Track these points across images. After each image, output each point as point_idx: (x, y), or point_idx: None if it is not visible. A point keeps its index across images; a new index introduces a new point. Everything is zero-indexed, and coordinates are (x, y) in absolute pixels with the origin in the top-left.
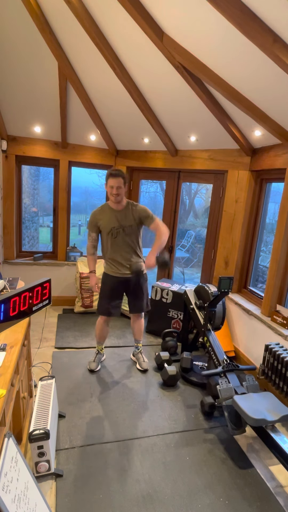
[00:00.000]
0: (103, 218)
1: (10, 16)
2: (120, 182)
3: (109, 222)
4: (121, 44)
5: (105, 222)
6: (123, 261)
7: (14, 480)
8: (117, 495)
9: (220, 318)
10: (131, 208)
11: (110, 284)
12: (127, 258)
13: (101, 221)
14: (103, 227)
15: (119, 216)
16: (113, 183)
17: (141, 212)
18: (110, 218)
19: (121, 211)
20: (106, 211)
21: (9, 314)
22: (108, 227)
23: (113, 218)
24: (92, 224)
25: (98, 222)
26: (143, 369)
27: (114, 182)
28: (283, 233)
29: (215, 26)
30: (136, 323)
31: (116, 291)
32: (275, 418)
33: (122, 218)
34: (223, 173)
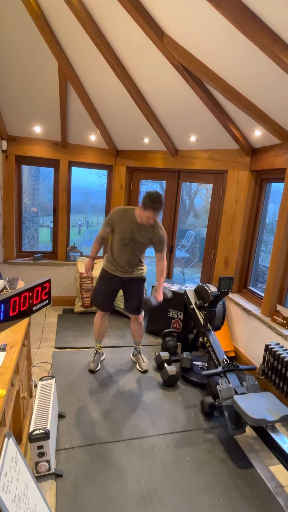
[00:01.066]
0: (121, 224)
1: (10, 16)
2: (157, 214)
3: (124, 230)
4: (121, 44)
5: (121, 229)
6: (125, 265)
7: (14, 480)
8: (117, 495)
9: (220, 318)
10: (154, 229)
11: (107, 279)
12: (130, 264)
13: (118, 226)
14: (118, 230)
15: (138, 230)
16: (151, 215)
17: (160, 238)
18: (128, 227)
19: (143, 226)
20: (128, 218)
21: (9, 314)
22: (122, 235)
23: (131, 229)
24: (109, 223)
25: (114, 225)
26: (143, 369)
27: (151, 214)
28: (283, 233)
29: (215, 26)
30: (134, 325)
31: (112, 287)
32: (275, 418)
33: (140, 234)
34: (223, 173)
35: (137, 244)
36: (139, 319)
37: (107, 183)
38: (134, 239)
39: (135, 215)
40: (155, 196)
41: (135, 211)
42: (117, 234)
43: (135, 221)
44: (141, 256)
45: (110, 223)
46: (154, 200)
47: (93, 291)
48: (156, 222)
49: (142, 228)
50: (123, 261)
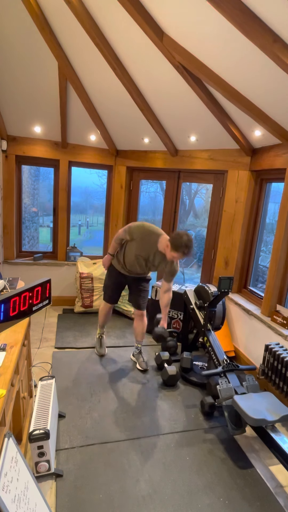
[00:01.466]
0: (141, 242)
1: (10, 16)
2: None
3: (142, 249)
4: (121, 44)
5: (139, 246)
6: (133, 272)
7: (14, 480)
8: (117, 495)
9: (220, 318)
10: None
11: (115, 278)
12: (137, 272)
13: (137, 242)
14: (135, 245)
15: (155, 255)
16: (179, 257)
17: (173, 270)
18: (146, 249)
19: (161, 254)
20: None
21: (9, 314)
22: (137, 251)
23: (148, 251)
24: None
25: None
26: (142, 369)
27: (180, 257)
28: (283, 233)
29: (215, 26)
30: (138, 324)
31: (118, 284)
32: (275, 418)
33: (155, 259)
34: (223, 173)
35: (149, 264)
36: (143, 317)
37: (107, 183)
38: (148, 260)
39: (157, 242)
40: (189, 242)
41: (159, 239)
42: (133, 246)
43: (155, 247)
44: (148, 272)
45: (131, 234)
46: (188, 246)
47: (104, 292)
48: None
49: (159, 255)
50: (132, 269)
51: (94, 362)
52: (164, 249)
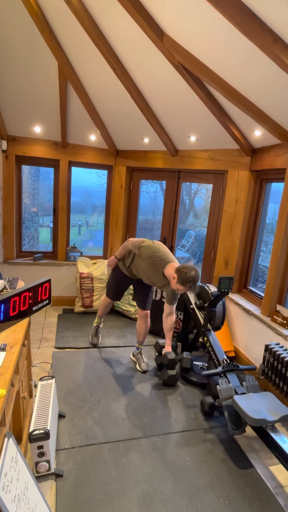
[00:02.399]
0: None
1: (10, 16)
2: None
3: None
4: (121, 44)
5: (145, 267)
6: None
7: (14, 480)
8: (117, 495)
9: (220, 318)
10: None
11: (120, 279)
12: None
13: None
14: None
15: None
16: (184, 290)
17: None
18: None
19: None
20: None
21: (9, 314)
22: (143, 269)
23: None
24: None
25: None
26: (142, 370)
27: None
28: (283, 233)
29: (215, 26)
30: (141, 324)
31: (124, 282)
32: (275, 418)
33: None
34: (223, 173)
35: (153, 281)
36: (147, 318)
37: (107, 183)
38: (152, 279)
39: (165, 268)
40: (196, 279)
41: (167, 265)
42: (141, 262)
43: (161, 272)
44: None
45: (140, 252)
46: (195, 281)
47: (107, 289)
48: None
49: (164, 280)
50: (136, 275)
51: (94, 362)
52: (170, 278)
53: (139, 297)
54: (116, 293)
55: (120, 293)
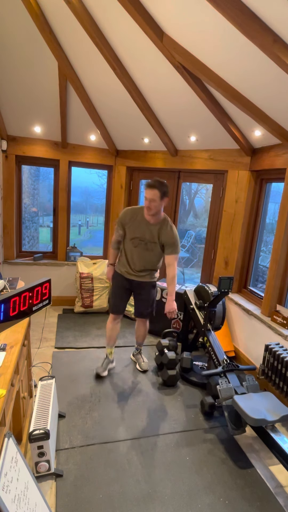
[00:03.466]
0: (131, 224)
1: (10, 16)
2: (155, 195)
3: (135, 230)
4: (121, 44)
5: (132, 229)
6: (138, 268)
7: (14, 480)
8: (117, 495)
9: (220, 318)
10: (162, 227)
11: (121, 283)
12: (143, 267)
13: (128, 227)
14: (128, 231)
15: (147, 229)
16: (147, 194)
17: (168, 238)
18: (138, 227)
19: (152, 225)
20: (137, 217)
21: (9, 314)
22: (132, 235)
23: (141, 228)
24: (120, 223)
25: (125, 224)
26: (142, 369)
27: (148, 193)
28: (283, 233)
29: (215, 26)
30: (140, 328)
31: (125, 290)
32: (275, 418)
33: (149, 233)
34: (223, 173)
35: (148, 244)
36: (146, 323)
37: (107, 183)
38: (145, 238)
39: (144, 214)
40: (152, 181)
41: (144, 210)
42: (128, 235)
43: (144, 220)
44: (155, 260)
45: (121, 224)
46: (148, 181)
47: (110, 303)
48: (167, 219)
49: (151, 227)
50: (136, 263)
51: (94, 362)
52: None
53: (137, 305)
54: (117, 302)
55: (123, 302)
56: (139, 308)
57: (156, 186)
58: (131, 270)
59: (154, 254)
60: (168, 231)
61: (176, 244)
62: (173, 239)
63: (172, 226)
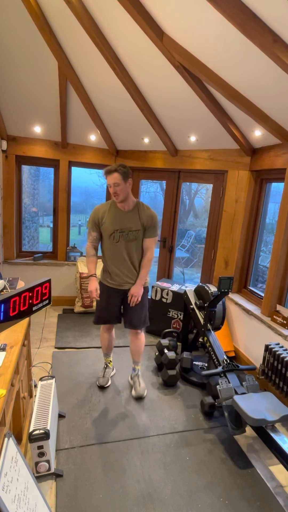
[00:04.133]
0: (106, 218)
1: (10, 16)
2: (116, 178)
3: (112, 223)
4: (121, 44)
5: (108, 223)
6: (123, 270)
7: (14, 480)
8: (117, 495)
9: (220, 318)
10: (139, 209)
11: (106, 296)
12: (128, 269)
13: (104, 221)
14: (104, 227)
15: (124, 217)
16: (109, 180)
17: (148, 218)
18: (114, 218)
19: (128, 212)
20: (111, 210)
21: (9, 314)
22: (111, 229)
23: (117, 219)
24: (94, 222)
25: (100, 220)
26: (137, 395)
27: (109, 179)
28: (283, 233)
29: (215, 26)
30: (134, 342)
31: (113, 303)
32: (275, 418)
33: (128, 221)
34: (223, 173)
35: (130, 234)
36: (139, 335)
37: (107, 183)
38: (125, 228)
39: (116, 205)
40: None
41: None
42: (105, 233)
43: (118, 210)
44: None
45: (94, 223)
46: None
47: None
48: (139, 202)
49: (127, 214)
50: (118, 263)
51: (94, 362)
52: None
53: (128, 316)
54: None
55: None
56: (132, 317)
57: (114, 169)
58: (116, 276)
59: (138, 243)
60: (146, 212)
61: (156, 226)
62: (153, 220)
63: (148, 207)
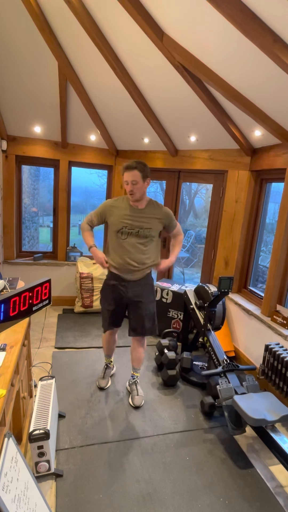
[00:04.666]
0: (115, 213)
1: (10, 16)
2: (136, 175)
3: (122, 219)
4: (121, 44)
5: (116, 218)
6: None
7: (14, 480)
8: (117, 495)
9: (220, 318)
10: (154, 208)
11: (111, 296)
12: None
13: (111, 215)
14: (112, 222)
15: (136, 215)
16: (127, 177)
17: (166, 216)
18: (125, 215)
19: (140, 210)
20: (122, 206)
21: (9, 314)
22: (119, 225)
23: (128, 216)
24: (100, 215)
25: (107, 216)
26: (134, 405)
27: (128, 176)
28: (283, 233)
29: (215, 26)
30: (137, 349)
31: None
32: (275, 418)
33: (139, 219)
34: (223, 173)
35: (140, 231)
36: (142, 341)
37: (107, 183)
38: (134, 226)
39: (128, 200)
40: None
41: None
42: (112, 227)
43: (130, 207)
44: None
45: (100, 215)
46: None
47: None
48: (153, 200)
49: (141, 212)
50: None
51: (94, 362)
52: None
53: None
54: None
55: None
56: (136, 323)
57: (135, 166)
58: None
59: (148, 241)
60: (163, 211)
61: (174, 219)
62: (171, 215)
63: (161, 204)
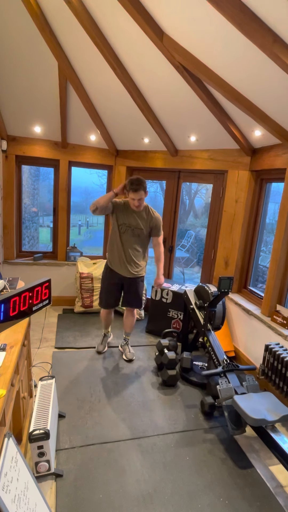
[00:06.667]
0: (122, 210)
1: (10, 16)
2: (142, 195)
3: (124, 218)
4: (121, 44)
5: (121, 216)
6: (128, 258)
7: (14, 480)
8: (117, 495)
9: (220, 318)
10: (147, 213)
11: (113, 280)
12: (131, 258)
13: (120, 211)
14: (118, 217)
15: (134, 216)
16: (134, 196)
17: (156, 222)
18: (126, 215)
19: (138, 213)
20: (125, 206)
21: (9, 314)
22: (122, 221)
23: (129, 216)
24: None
25: (116, 208)
26: (127, 359)
27: (135, 195)
28: (283, 233)
29: (215, 26)
30: (129, 318)
31: (116, 287)
32: (275, 418)
33: (136, 219)
34: (223, 173)
35: (135, 230)
36: (133, 312)
37: (107, 183)
38: (131, 225)
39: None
40: (133, 179)
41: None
42: (117, 221)
43: (132, 210)
44: (141, 249)
45: (115, 206)
46: (132, 182)
47: (99, 297)
48: (148, 206)
49: (137, 214)
50: (123, 253)
51: (94, 362)
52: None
53: (126, 297)
54: (108, 297)
55: (113, 297)
56: (129, 299)
57: (140, 188)
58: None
59: (140, 239)
60: (155, 216)
61: (161, 227)
62: (160, 221)
63: (155, 211)
